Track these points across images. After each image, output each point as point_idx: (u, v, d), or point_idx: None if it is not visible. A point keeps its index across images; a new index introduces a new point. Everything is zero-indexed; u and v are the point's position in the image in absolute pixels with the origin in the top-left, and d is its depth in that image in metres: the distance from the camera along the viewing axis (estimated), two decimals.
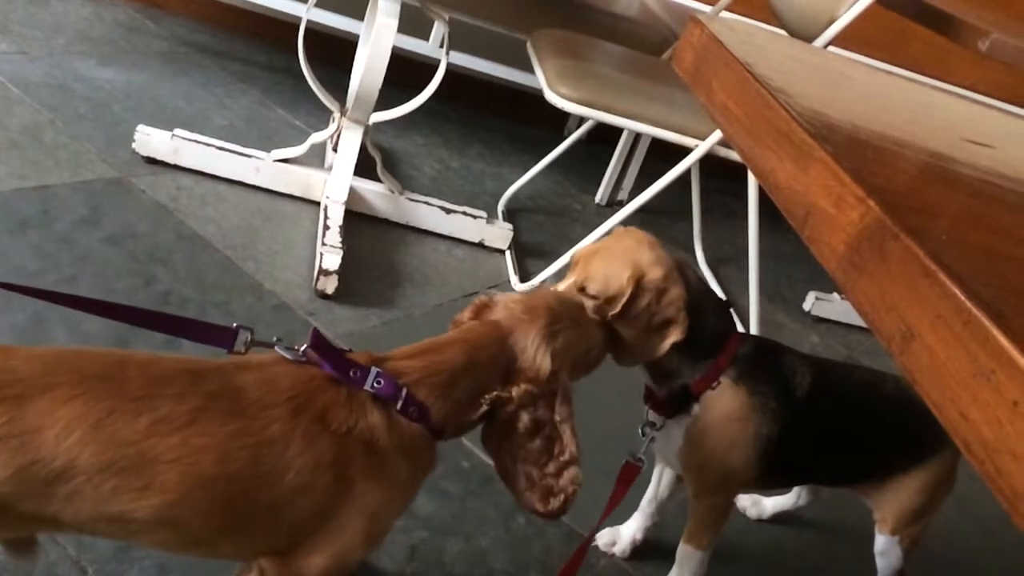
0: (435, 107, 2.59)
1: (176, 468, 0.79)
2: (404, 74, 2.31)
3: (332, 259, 1.84)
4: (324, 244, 1.88)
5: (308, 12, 2.03)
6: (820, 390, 1.23)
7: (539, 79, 1.96)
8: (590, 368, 1.11)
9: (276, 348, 0.91)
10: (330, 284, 1.82)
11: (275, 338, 0.92)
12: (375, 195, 2.16)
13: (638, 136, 2.79)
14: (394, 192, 2.16)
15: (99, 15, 2.77)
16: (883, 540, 1.33)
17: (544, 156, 2.56)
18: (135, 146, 2.05)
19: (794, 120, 0.56)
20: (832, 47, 1.90)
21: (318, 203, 2.13)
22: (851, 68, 0.92)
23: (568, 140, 2.55)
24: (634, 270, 1.14)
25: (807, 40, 1.91)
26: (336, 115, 2.11)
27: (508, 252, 2.27)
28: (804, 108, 0.58)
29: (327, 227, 1.95)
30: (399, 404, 0.91)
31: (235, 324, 0.92)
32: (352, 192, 2.09)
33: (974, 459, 0.36)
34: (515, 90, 3.14)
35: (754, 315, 2.23)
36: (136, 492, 0.78)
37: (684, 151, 1.96)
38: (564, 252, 2.10)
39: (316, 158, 2.20)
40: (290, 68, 2.65)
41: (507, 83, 3.14)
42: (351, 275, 1.89)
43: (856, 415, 1.28)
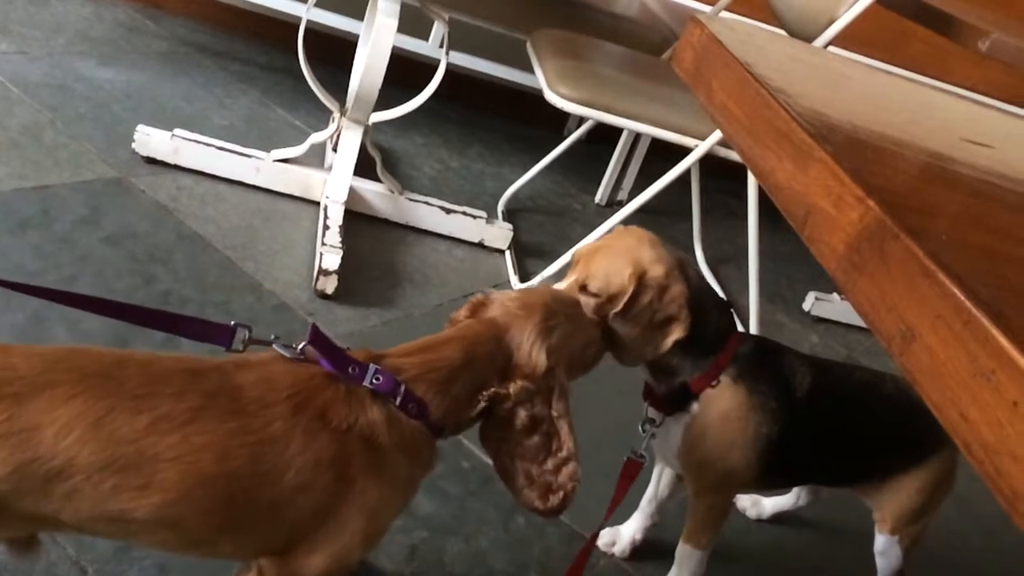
0: (435, 107, 2.59)
1: (176, 467, 0.79)
2: (404, 74, 2.31)
3: (332, 259, 1.84)
4: (324, 244, 1.88)
5: (308, 12, 2.03)
6: (820, 390, 1.23)
7: (539, 79, 1.96)
8: (588, 366, 1.11)
9: (274, 346, 0.91)
10: (330, 284, 1.82)
11: (273, 336, 0.92)
12: (375, 195, 2.16)
13: (638, 136, 2.79)
14: (394, 192, 2.16)
15: (99, 15, 2.77)
16: (883, 540, 1.34)
17: (544, 156, 2.55)
18: (135, 146, 2.05)
19: (794, 120, 0.56)
20: (832, 47, 1.90)
21: (318, 203, 2.13)
22: (851, 68, 0.92)
23: (568, 140, 2.55)
24: (636, 268, 1.14)
25: (807, 40, 1.91)
26: (336, 115, 2.11)
27: (508, 252, 2.27)
28: (804, 108, 0.58)
29: (327, 227, 1.96)
30: (398, 400, 0.91)
31: (233, 322, 0.92)
32: (352, 192, 2.09)
33: (974, 459, 0.36)
34: (515, 90, 3.14)
35: (754, 315, 2.23)
36: (136, 491, 0.78)
37: (684, 151, 1.96)
38: (564, 252, 2.10)
39: (316, 158, 2.20)
40: (290, 68, 2.65)
41: (507, 83, 3.14)
42: (351, 275, 1.89)
43: (856, 415, 1.28)
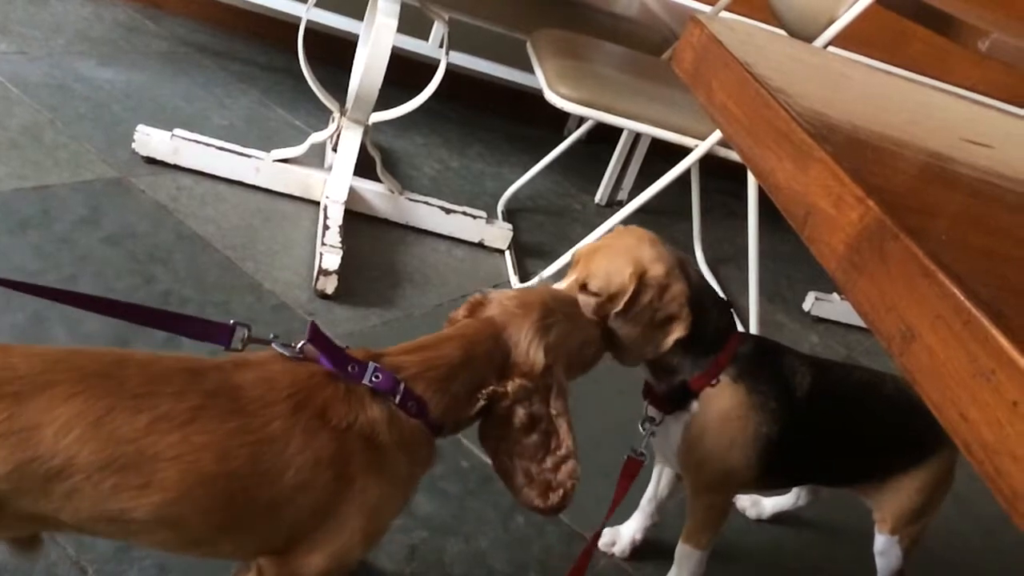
0: (435, 107, 2.59)
1: (176, 466, 0.79)
2: (404, 74, 2.31)
3: (332, 259, 1.84)
4: (324, 244, 1.88)
5: (308, 12, 2.02)
6: (820, 390, 1.23)
7: (539, 79, 1.96)
8: (587, 366, 1.11)
9: (273, 345, 0.91)
10: (330, 284, 1.82)
11: (272, 335, 0.92)
12: (375, 195, 2.16)
13: (638, 136, 2.79)
14: (394, 192, 2.16)
15: (99, 15, 2.77)
16: (883, 540, 1.34)
17: (544, 156, 2.55)
18: (135, 146, 2.05)
19: (794, 120, 0.56)
20: (832, 47, 1.90)
21: (318, 203, 2.13)
22: (851, 68, 0.92)
23: (568, 140, 2.55)
24: (636, 267, 1.14)
25: (807, 40, 1.91)
26: (336, 115, 2.11)
27: (508, 252, 2.27)
28: (804, 108, 0.58)
29: (327, 227, 1.95)
30: (397, 399, 0.91)
31: (232, 321, 0.92)
32: (352, 192, 2.09)
33: (974, 460, 0.36)
34: (515, 90, 3.14)
35: (754, 315, 2.23)
36: (136, 490, 0.78)
37: (684, 151, 1.96)
38: (564, 252, 2.10)
39: (316, 158, 2.20)
40: (290, 68, 2.65)
41: (507, 83, 3.14)
42: (351, 275, 1.89)
43: (856, 415, 1.28)
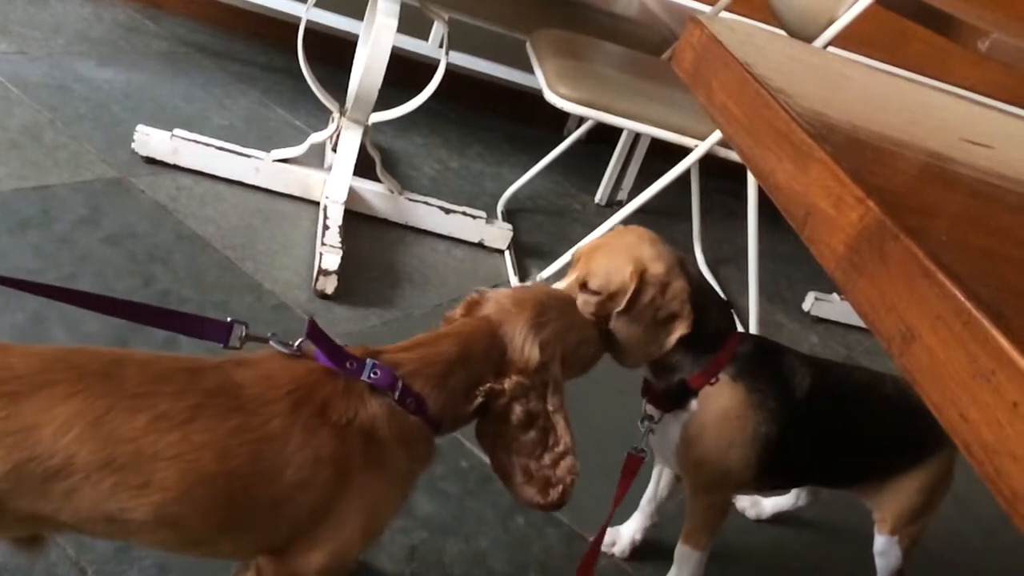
0: (434, 107, 2.59)
1: (176, 465, 0.79)
2: (404, 74, 2.31)
3: (331, 259, 1.84)
4: (323, 244, 1.88)
5: (308, 12, 2.02)
6: (820, 390, 1.23)
7: (539, 79, 1.96)
8: (586, 365, 1.11)
9: (271, 342, 0.91)
10: (329, 284, 1.82)
11: (270, 333, 0.92)
12: (374, 195, 2.16)
13: (638, 136, 2.79)
14: (393, 192, 2.16)
15: (98, 15, 2.77)
16: (882, 540, 1.34)
17: (544, 156, 2.55)
18: (134, 146, 2.05)
19: (794, 120, 0.56)
20: (832, 47, 1.90)
21: (317, 203, 2.13)
22: (851, 68, 0.92)
23: (568, 140, 2.55)
24: (636, 265, 1.14)
25: (807, 40, 1.91)
26: (335, 115, 2.11)
27: (507, 252, 2.27)
28: (804, 108, 0.58)
29: (326, 227, 1.95)
30: (396, 395, 0.91)
31: (229, 318, 0.92)
32: (351, 192, 2.09)
33: (974, 460, 0.36)
34: (515, 90, 3.14)
35: (754, 315, 2.23)
36: (135, 489, 0.78)
37: (684, 151, 1.96)
38: (564, 252, 2.10)
39: (315, 158, 2.20)
40: (290, 68, 2.65)
41: (507, 83, 3.14)
42: (350, 275, 1.89)
43: (855, 416, 1.28)
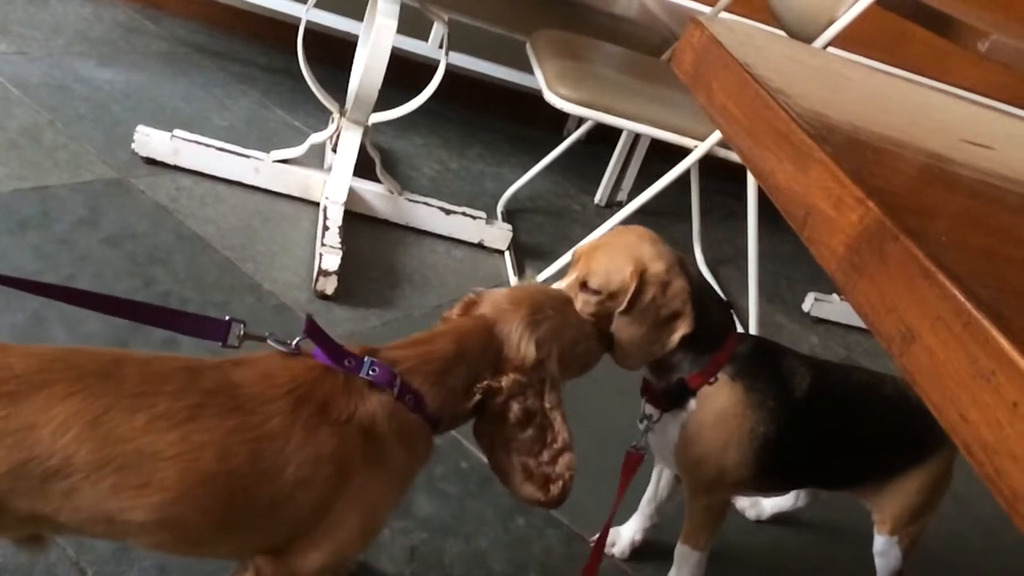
0: (434, 108, 2.59)
1: (175, 465, 0.79)
2: (403, 75, 2.31)
3: (331, 260, 1.84)
4: (323, 245, 1.88)
5: (307, 13, 2.02)
6: (819, 391, 1.23)
7: (538, 80, 1.96)
8: (584, 364, 1.11)
9: (269, 341, 0.91)
10: (329, 285, 1.82)
11: (267, 333, 0.92)
12: (374, 196, 2.16)
13: (637, 137, 2.79)
14: (393, 193, 2.16)
15: (98, 16, 2.77)
16: (882, 540, 1.34)
17: (543, 157, 2.55)
18: (134, 147, 2.05)
19: (793, 121, 0.56)
20: (831, 48, 1.90)
21: (317, 204, 2.13)
22: (850, 69, 0.92)
23: (567, 141, 2.55)
24: (636, 264, 1.14)
25: (806, 41, 1.91)
26: (335, 116, 2.11)
27: (507, 253, 2.27)
28: (803, 109, 0.58)
29: (326, 228, 1.95)
30: (395, 392, 0.91)
31: (227, 317, 0.92)
32: (351, 193, 2.09)
33: (974, 460, 0.36)
34: (514, 91, 3.14)
35: (753, 316, 2.23)
36: (135, 490, 0.78)
37: (683, 152, 1.96)
38: (563, 253, 2.09)
39: (315, 159, 2.20)
40: (289, 69, 2.65)
41: (507, 84, 3.14)
42: (350, 276, 1.89)
43: (855, 416, 1.28)
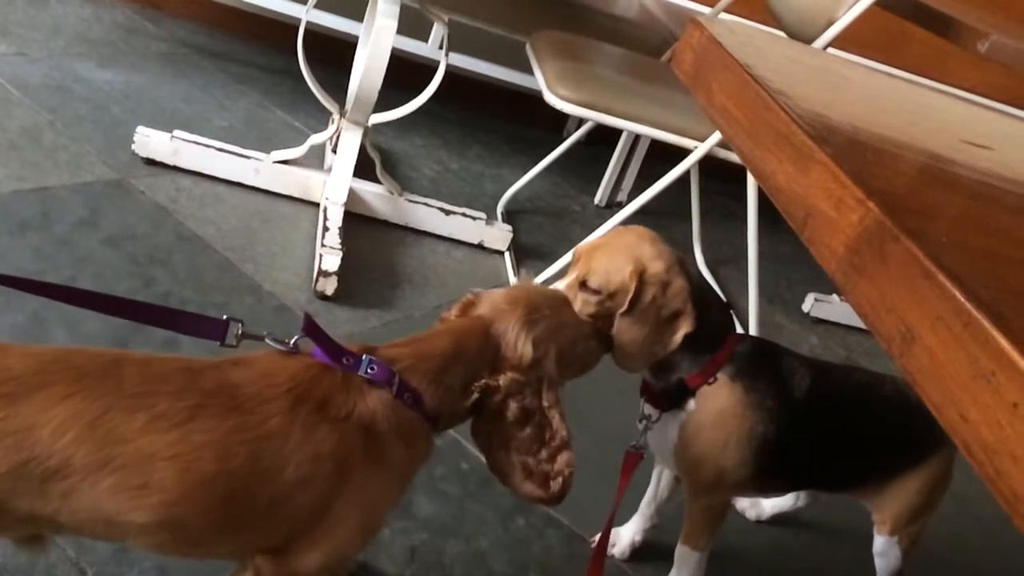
0: (434, 108, 2.59)
1: (175, 465, 0.79)
2: (403, 75, 2.31)
3: (331, 260, 1.84)
4: (323, 245, 1.88)
5: (307, 13, 2.03)
6: (819, 391, 1.23)
7: (538, 81, 1.96)
8: (582, 364, 1.11)
9: (267, 340, 0.91)
10: (329, 285, 1.82)
11: (265, 332, 0.92)
12: (374, 196, 2.16)
13: (637, 137, 2.79)
14: (393, 193, 2.16)
15: (98, 16, 2.77)
16: (882, 541, 1.34)
17: (543, 157, 2.55)
18: (134, 147, 2.05)
19: (794, 122, 0.56)
20: (831, 49, 1.90)
21: (317, 204, 2.13)
22: (850, 70, 0.92)
23: (567, 141, 2.55)
24: (636, 265, 1.14)
25: (806, 42, 1.91)
26: (335, 116, 2.11)
27: (507, 253, 2.27)
28: (804, 110, 0.58)
29: (326, 228, 1.95)
30: (393, 390, 0.91)
31: (225, 316, 0.92)
32: (351, 193, 2.09)
33: (974, 461, 0.36)
34: (514, 92, 3.14)
35: (753, 316, 2.23)
36: (134, 490, 0.78)
37: (683, 152, 1.96)
38: (563, 253, 2.09)
39: (315, 159, 2.20)
40: (289, 69, 2.65)
41: (506, 85, 3.14)
42: (350, 276, 1.89)
43: (855, 417, 1.28)
